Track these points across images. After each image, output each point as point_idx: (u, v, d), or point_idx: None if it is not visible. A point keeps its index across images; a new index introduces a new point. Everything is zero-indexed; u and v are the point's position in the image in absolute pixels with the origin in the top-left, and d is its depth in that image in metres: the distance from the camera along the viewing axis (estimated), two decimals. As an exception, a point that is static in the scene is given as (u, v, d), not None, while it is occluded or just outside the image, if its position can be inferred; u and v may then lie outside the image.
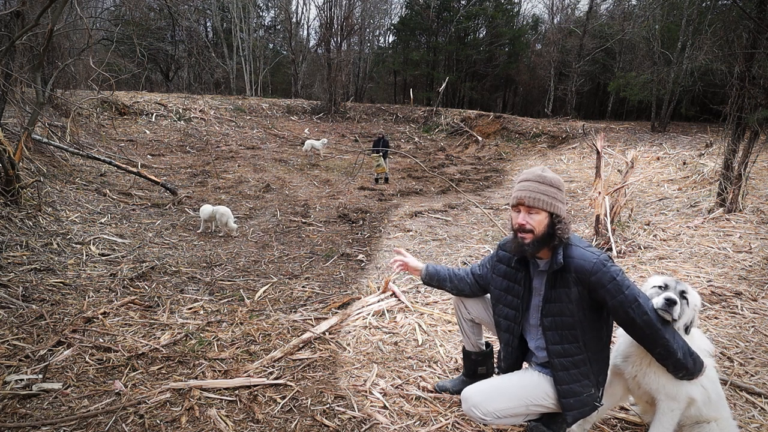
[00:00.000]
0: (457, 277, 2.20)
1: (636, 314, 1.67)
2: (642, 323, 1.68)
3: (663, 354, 1.71)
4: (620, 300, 1.67)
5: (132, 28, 14.19)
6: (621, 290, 1.67)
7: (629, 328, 1.74)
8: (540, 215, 1.76)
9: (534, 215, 1.77)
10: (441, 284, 2.24)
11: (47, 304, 3.50)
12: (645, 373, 1.83)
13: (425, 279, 2.26)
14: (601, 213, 5.26)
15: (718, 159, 7.17)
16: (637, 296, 1.69)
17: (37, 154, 7.43)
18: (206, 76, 24.11)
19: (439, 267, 2.27)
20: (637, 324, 1.69)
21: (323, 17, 23.98)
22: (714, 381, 1.88)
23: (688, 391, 1.79)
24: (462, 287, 2.19)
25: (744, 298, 3.64)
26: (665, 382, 1.79)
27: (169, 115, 15.65)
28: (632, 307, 1.67)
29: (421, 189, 10.32)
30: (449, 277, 2.22)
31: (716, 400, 1.86)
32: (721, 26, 7.49)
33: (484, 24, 30.44)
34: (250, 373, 2.61)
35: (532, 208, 1.77)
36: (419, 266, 2.27)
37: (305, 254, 5.44)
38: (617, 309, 1.69)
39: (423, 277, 2.27)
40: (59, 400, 2.35)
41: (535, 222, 1.76)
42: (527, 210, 1.78)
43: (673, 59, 15.12)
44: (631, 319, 1.69)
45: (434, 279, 2.24)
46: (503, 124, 18.55)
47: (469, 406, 1.84)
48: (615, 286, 1.67)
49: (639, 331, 1.70)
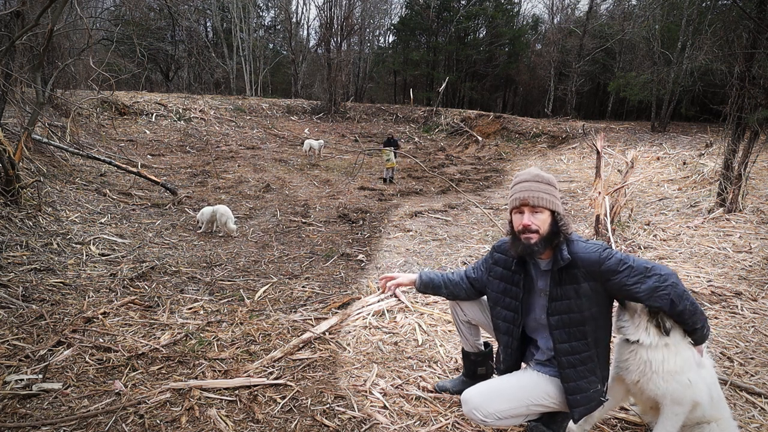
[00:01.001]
0: (452, 282, 2.19)
1: (656, 280, 1.67)
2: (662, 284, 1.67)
3: (690, 310, 1.70)
4: (635, 276, 1.68)
5: (132, 28, 14.20)
6: (631, 267, 1.68)
7: (654, 296, 1.68)
8: (544, 214, 1.77)
9: (538, 215, 1.77)
10: (436, 291, 2.22)
11: (47, 304, 3.50)
12: (650, 379, 1.80)
13: (420, 288, 2.24)
14: (601, 213, 5.26)
15: (718, 159, 7.18)
16: (647, 264, 1.71)
17: (37, 154, 7.43)
18: (206, 76, 24.12)
19: (432, 274, 2.24)
20: (661, 288, 1.67)
21: (323, 17, 24.01)
22: (714, 381, 1.87)
23: (693, 395, 1.77)
24: (458, 292, 2.18)
25: (744, 298, 3.64)
26: (673, 388, 1.76)
27: (169, 115, 15.65)
28: (649, 275, 1.68)
29: (421, 189, 10.32)
30: (444, 283, 2.20)
31: (717, 401, 1.86)
32: (721, 26, 7.49)
33: (484, 24, 30.47)
34: (250, 373, 2.61)
35: (536, 208, 1.77)
36: (412, 278, 2.24)
37: (305, 254, 5.44)
38: (638, 284, 1.68)
39: (418, 287, 2.24)
40: (59, 400, 2.35)
41: (539, 221, 1.76)
42: (531, 210, 1.78)
43: (673, 59, 15.12)
44: (653, 287, 1.67)
45: (429, 287, 2.22)
46: (503, 124, 18.55)
47: (470, 408, 1.84)
48: (625, 266, 1.69)
49: (664, 295, 1.67)
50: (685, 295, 1.69)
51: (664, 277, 1.68)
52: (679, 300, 1.68)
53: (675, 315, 1.72)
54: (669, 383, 1.77)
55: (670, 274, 1.70)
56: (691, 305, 1.70)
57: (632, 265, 1.69)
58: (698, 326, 1.73)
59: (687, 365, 1.77)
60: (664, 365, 1.78)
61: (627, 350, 1.87)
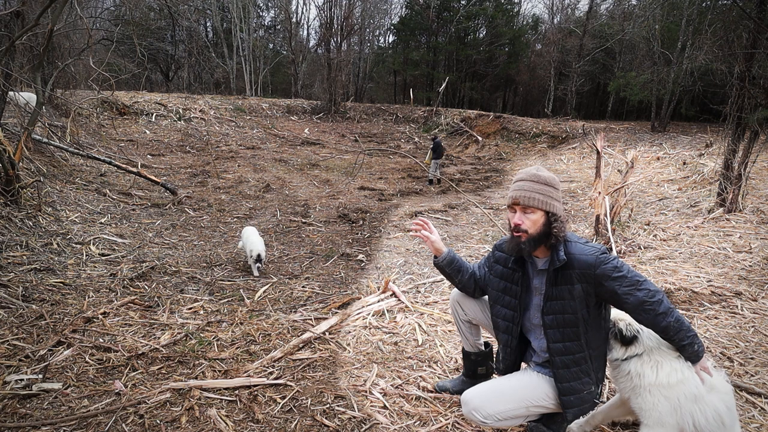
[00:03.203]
0: (469, 273, 2.14)
1: (645, 294, 1.69)
2: (650, 299, 1.69)
3: (675, 326, 1.70)
4: (627, 285, 1.70)
5: (132, 28, 14.18)
6: (624, 276, 1.70)
7: (640, 309, 1.71)
8: (536, 214, 1.77)
9: (530, 214, 1.77)
10: (456, 273, 2.13)
11: (47, 304, 3.50)
12: (637, 394, 1.76)
13: (443, 262, 2.12)
14: (601, 213, 5.26)
15: (718, 159, 7.17)
16: (639, 277, 1.72)
17: (37, 154, 7.43)
18: (206, 76, 24.13)
19: (458, 257, 2.17)
20: (648, 303, 1.69)
21: (323, 17, 24.03)
22: (728, 407, 1.74)
23: (682, 420, 1.69)
24: (468, 284, 2.15)
25: (744, 298, 3.64)
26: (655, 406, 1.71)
27: (169, 115, 15.65)
28: (638, 288, 1.70)
29: (421, 189, 10.32)
30: (466, 269, 2.13)
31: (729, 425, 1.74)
32: (721, 26, 7.49)
33: (484, 24, 30.46)
34: (250, 373, 2.61)
35: (528, 208, 1.78)
36: (441, 247, 2.13)
37: (305, 254, 5.44)
38: (626, 295, 1.70)
39: (442, 259, 2.12)
40: (59, 400, 2.35)
41: (530, 221, 1.77)
42: (522, 210, 1.79)
43: (673, 59, 15.12)
44: (641, 301, 1.69)
45: (451, 265, 2.12)
46: (503, 124, 18.54)
47: (470, 409, 1.84)
48: (619, 274, 1.70)
49: (650, 310, 1.69)
50: (670, 312, 1.70)
51: (652, 293, 1.70)
52: (663, 316, 1.69)
53: (660, 330, 1.73)
54: (655, 397, 1.72)
55: (658, 291, 1.72)
56: (676, 322, 1.71)
57: (626, 274, 1.71)
58: (685, 343, 1.72)
59: (678, 382, 1.71)
60: (642, 378, 1.74)
61: (614, 369, 1.89)
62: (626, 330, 1.80)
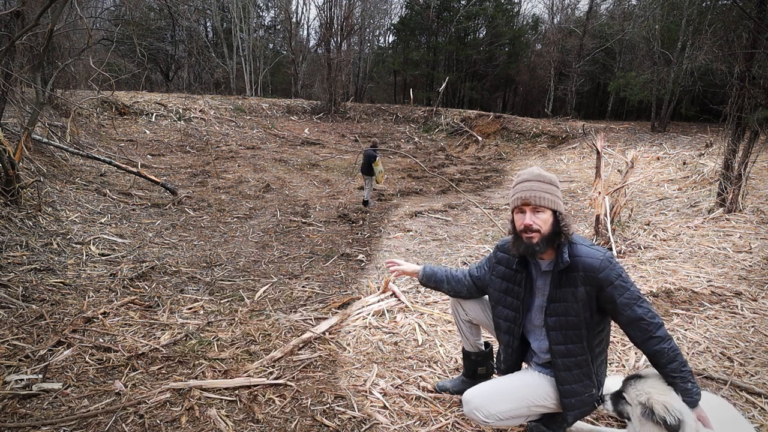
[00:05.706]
0: (454, 278, 2.19)
1: (644, 312, 1.68)
2: (648, 318, 1.67)
3: (670, 355, 1.65)
4: (627, 297, 1.69)
5: (132, 28, 14.18)
6: (627, 287, 1.70)
7: (635, 325, 1.69)
8: (545, 214, 1.76)
9: (540, 214, 1.76)
10: (438, 286, 2.23)
11: (47, 304, 3.50)
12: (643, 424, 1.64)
13: (422, 280, 2.25)
14: (601, 213, 5.26)
15: (718, 159, 7.17)
16: (640, 294, 1.71)
17: (37, 154, 7.43)
18: (206, 76, 24.13)
19: (436, 268, 2.25)
20: (645, 321, 1.67)
21: (323, 17, 24.04)
22: None
23: None
24: (459, 289, 2.18)
25: (744, 298, 3.64)
26: None
27: (169, 115, 15.65)
28: (638, 304, 1.69)
29: (421, 189, 10.32)
30: (446, 278, 2.20)
31: None
32: (721, 26, 7.48)
33: (484, 24, 30.44)
34: (250, 373, 2.61)
35: (538, 207, 1.76)
36: (416, 269, 2.27)
37: (305, 254, 5.44)
38: (624, 307, 1.68)
39: (420, 278, 2.26)
40: (59, 400, 2.35)
41: (541, 221, 1.76)
42: (533, 210, 1.77)
43: (673, 59, 15.11)
44: (638, 317, 1.68)
45: (431, 280, 2.23)
46: (503, 124, 18.54)
47: (471, 408, 1.84)
48: (621, 283, 1.69)
49: (645, 329, 1.67)
50: (666, 338, 1.67)
51: (653, 314, 1.69)
52: (659, 340, 1.65)
53: (651, 354, 1.69)
54: None
55: (658, 315, 1.71)
56: (672, 351, 1.65)
57: (629, 287, 1.70)
58: (676, 376, 1.64)
59: None
60: None
61: None
62: (670, 417, 1.55)
